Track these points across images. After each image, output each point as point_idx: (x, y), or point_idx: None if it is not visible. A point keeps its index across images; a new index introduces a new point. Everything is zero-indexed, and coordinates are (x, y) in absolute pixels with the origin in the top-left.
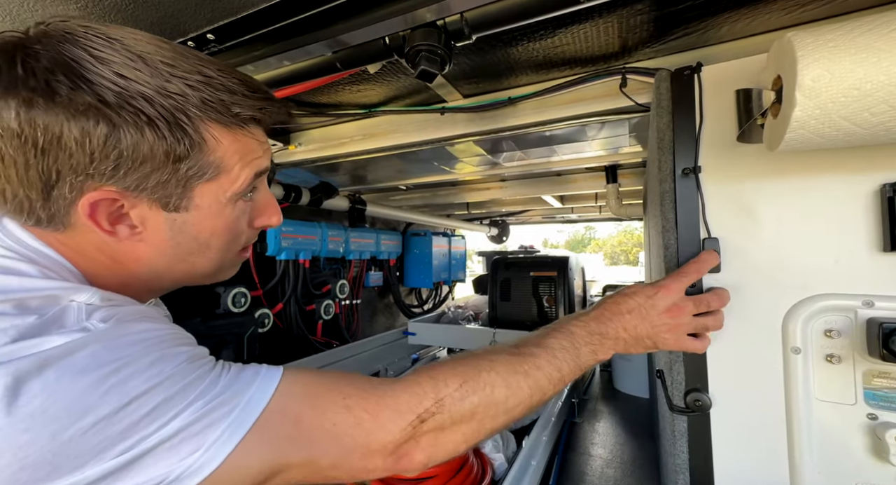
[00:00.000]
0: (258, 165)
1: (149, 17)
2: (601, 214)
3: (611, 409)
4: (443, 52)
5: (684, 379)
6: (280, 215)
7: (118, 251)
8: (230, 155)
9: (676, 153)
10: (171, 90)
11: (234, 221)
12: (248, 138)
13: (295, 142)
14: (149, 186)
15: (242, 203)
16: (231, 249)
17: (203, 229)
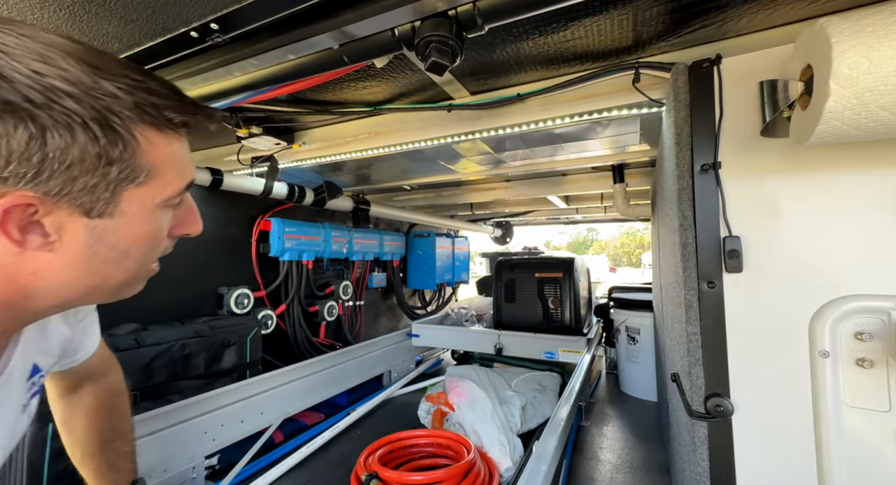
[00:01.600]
0: (189, 175)
1: (151, 5)
2: (606, 214)
3: (618, 412)
4: (454, 44)
5: (704, 383)
6: (200, 223)
7: (15, 264)
8: (163, 160)
9: (695, 149)
10: (100, 91)
11: (158, 230)
12: (180, 145)
13: (299, 141)
14: (74, 190)
15: (168, 212)
16: (148, 260)
17: (125, 237)
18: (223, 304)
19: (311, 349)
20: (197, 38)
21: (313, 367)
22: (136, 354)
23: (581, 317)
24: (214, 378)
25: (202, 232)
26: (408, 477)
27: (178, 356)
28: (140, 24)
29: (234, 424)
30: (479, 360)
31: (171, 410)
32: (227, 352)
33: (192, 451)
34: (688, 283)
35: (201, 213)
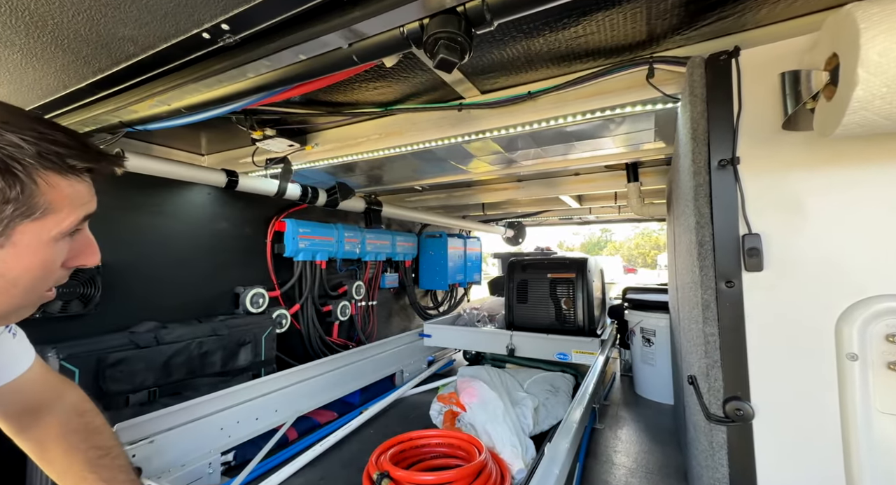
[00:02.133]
0: (87, 208)
1: (163, 7)
2: (620, 214)
3: (633, 415)
4: (463, 40)
5: (723, 386)
6: (98, 255)
7: None
8: (62, 199)
9: (712, 144)
10: (4, 142)
11: (51, 261)
12: (83, 186)
13: (311, 142)
14: None
15: (63, 244)
16: (37, 289)
17: (14, 267)
18: (239, 303)
19: (325, 348)
20: (209, 39)
21: (327, 366)
22: (155, 352)
23: (595, 318)
24: (230, 376)
25: (220, 231)
26: (419, 477)
27: (196, 354)
28: (154, 27)
29: (249, 421)
30: (492, 361)
31: (188, 406)
32: (243, 350)
33: (208, 447)
34: (704, 282)
35: (218, 213)
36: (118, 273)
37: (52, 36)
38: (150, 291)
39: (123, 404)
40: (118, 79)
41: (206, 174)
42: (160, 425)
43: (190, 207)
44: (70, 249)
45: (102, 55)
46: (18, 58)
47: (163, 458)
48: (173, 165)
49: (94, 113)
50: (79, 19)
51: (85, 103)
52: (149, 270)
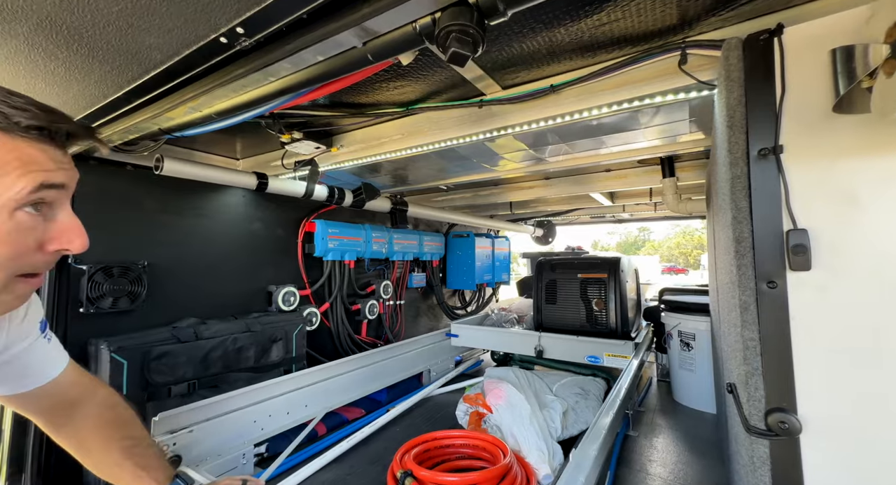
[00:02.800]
0: (46, 176)
1: (182, 14)
2: (657, 212)
3: (671, 423)
4: (475, 32)
5: (764, 396)
6: (84, 240)
7: None
8: (7, 161)
9: (750, 132)
10: None
11: (11, 234)
12: (33, 150)
13: (337, 144)
14: None
15: (26, 216)
16: (6, 269)
17: None
18: (272, 301)
19: (354, 346)
20: (226, 43)
21: (355, 363)
22: (194, 346)
23: (628, 320)
24: (263, 371)
25: (254, 232)
26: (442, 477)
27: (232, 349)
28: (176, 34)
29: (280, 415)
30: (520, 362)
31: (224, 399)
32: (275, 346)
33: (242, 438)
34: (742, 282)
35: (252, 215)
36: (162, 272)
37: (89, 48)
38: (191, 288)
39: (166, 395)
40: (150, 87)
41: (238, 177)
42: (199, 416)
43: (226, 209)
44: (47, 230)
45: (133, 64)
46: (63, 71)
47: (201, 447)
48: (207, 169)
49: (135, 121)
50: (109, 30)
51: (124, 112)
52: (189, 268)
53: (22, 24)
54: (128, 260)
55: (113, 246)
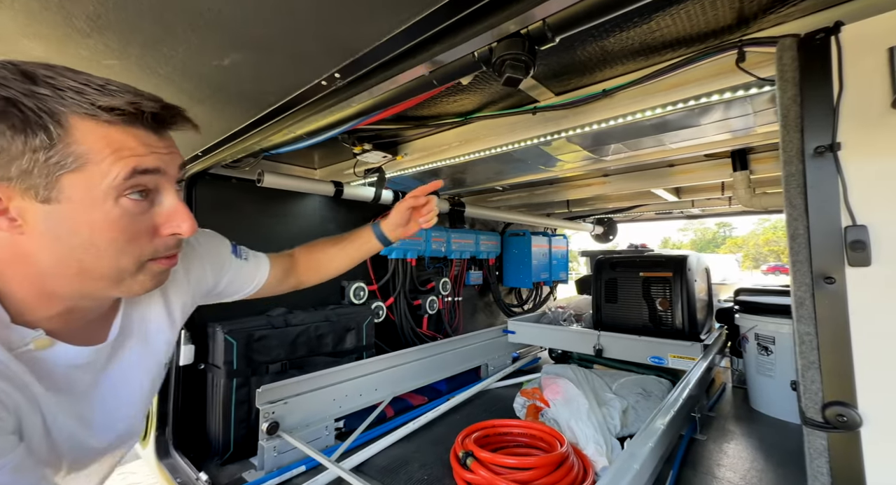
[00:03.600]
0: (138, 161)
1: (294, 68)
2: (731, 207)
3: (745, 430)
4: (527, 59)
5: (821, 389)
6: (191, 223)
7: (12, 245)
8: (99, 148)
9: (806, 130)
10: (37, 92)
11: (121, 220)
12: (123, 135)
13: (402, 153)
14: (13, 175)
15: (131, 203)
16: (128, 254)
17: (80, 223)
18: (344, 295)
19: (416, 338)
20: (325, 85)
21: (419, 353)
22: (285, 332)
23: (696, 321)
24: (339, 356)
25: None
26: (501, 459)
27: (314, 336)
28: (289, 79)
29: (354, 396)
30: (579, 360)
31: (309, 378)
32: (349, 335)
33: (325, 413)
34: (798, 278)
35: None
36: None
37: (227, 95)
38: None
39: (265, 372)
40: (262, 120)
41: (320, 186)
42: (291, 391)
43: (307, 213)
44: (156, 215)
45: (254, 105)
46: (205, 113)
47: (293, 417)
48: (297, 180)
49: (246, 144)
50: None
51: (241, 138)
52: None
53: (187, 81)
54: None
55: None
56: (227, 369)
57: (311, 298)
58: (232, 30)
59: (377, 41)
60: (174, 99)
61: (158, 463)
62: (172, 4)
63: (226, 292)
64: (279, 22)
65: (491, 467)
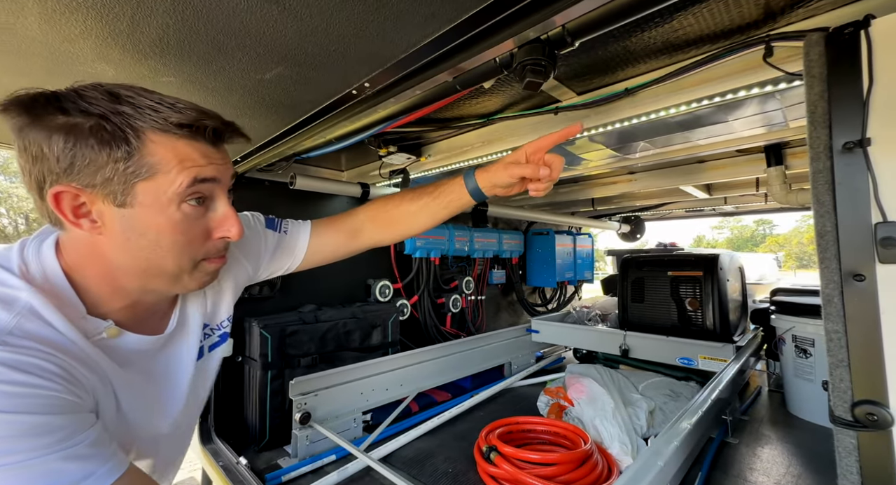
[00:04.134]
0: (198, 171)
1: (329, 80)
2: (768, 203)
3: (781, 435)
4: (547, 63)
5: (850, 387)
6: (239, 228)
7: (91, 245)
8: (168, 159)
9: (834, 126)
10: (121, 111)
11: (182, 224)
12: (188, 148)
13: (425, 154)
14: (97, 182)
15: (190, 208)
16: (187, 254)
17: (148, 226)
18: (370, 292)
19: (440, 336)
20: (355, 94)
21: (443, 351)
22: (315, 328)
23: (729, 321)
24: (366, 352)
25: None
26: (524, 454)
27: (342, 331)
28: (323, 90)
29: (380, 390)
30: (604, 360)
31: (338, 371)
32: (375, 332)
33: (353, 406)
34: (826, 275)
35: None
36: None
37: (267, 105)
38: (309, 280)
39: (297, 365)
40: (296, 127)
41: (348, 187)
42: (322, 384)
43: (334, 213)
44: (212, 219)
45: (292, 114)
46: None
47: (324, 409)
48: (326, 183)
49: (280, 149)
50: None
51: (276, 144)
52: None
53: (233, 94)
54: None
55: None
56: (262, 361)
57: (338, 296)
58: (275, 47)
59: (404, 53)
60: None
61: (202, 448)
62: (225, 27)
63: (268, 270)
64: (317, 39)
65: (514, 462)
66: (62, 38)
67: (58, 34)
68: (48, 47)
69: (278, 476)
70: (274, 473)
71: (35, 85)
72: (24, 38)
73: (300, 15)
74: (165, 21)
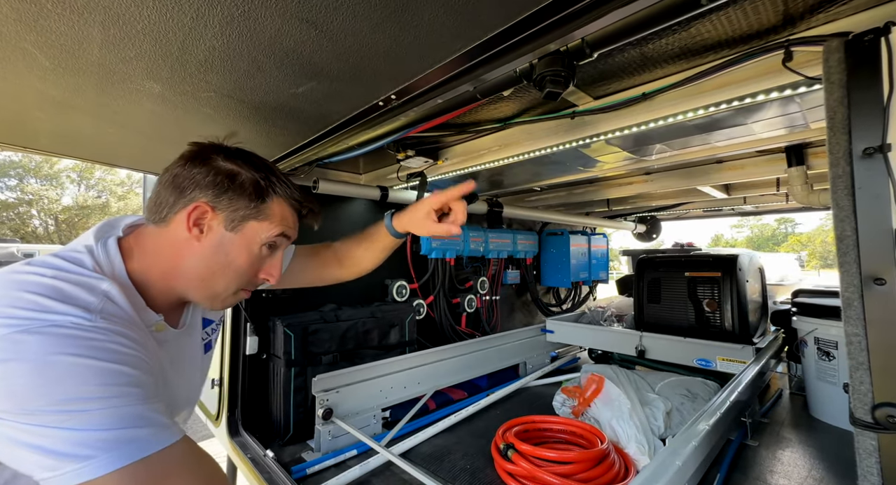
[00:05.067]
0: (285, 229)
1: (358, 92)
2: (789, 203)
3: (803, 438)
4: (566, 74)
5: (871, 389)
6: (276, 278)
7: (178, 246)
8: (276, 214)
9: (854, 132)
10: (270, 178)
11: (254, 258)
12: (288, 213)
13: (442, 158)
14: (225, 209)
15: (265, 250)
16: (237, 280)
17: (233, 252)
18: (388, 292)
19: (455, 335)
20: (382, 105)
21: (459, 350)
22: (335, 326)
23: (748, 323)
24: (385, 350)
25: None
26: (542, 452)
27: (361, 330)
28: (350, 103)
29: (399, 388)
30: (620, 361)
31: (358, 369)
32: (393, 331)
33: (372, 403)
34: (846, 279)
35: (372, 220)
36: None
37: (297, 117)
38: None
39: (318, 362)
40: (323, 135)
41: (367, 191)
42: (342, 381)
43: (353, 216)
44: (265, 262)
45: (319, 124)
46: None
47: (345, 405)
48: (348, 186)
49: (306, 155)
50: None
51: (304, 151)
52: None
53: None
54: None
55: None
56: (286, 358)
57: (357, 296)
58: (310, 65)
59: (430, 68)
60: (251, 120)
61: (230, 440)
62: (267, 48)
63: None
64: (350, 58)
65: (532, 460)
66: (118, 60)
67: (115, 57)
68: (104, 68)
69: (303, 469)
70: (299, 465)
71: (86, 99)
72: (84, 61)
73: (336, 37)
74: (213, 44)
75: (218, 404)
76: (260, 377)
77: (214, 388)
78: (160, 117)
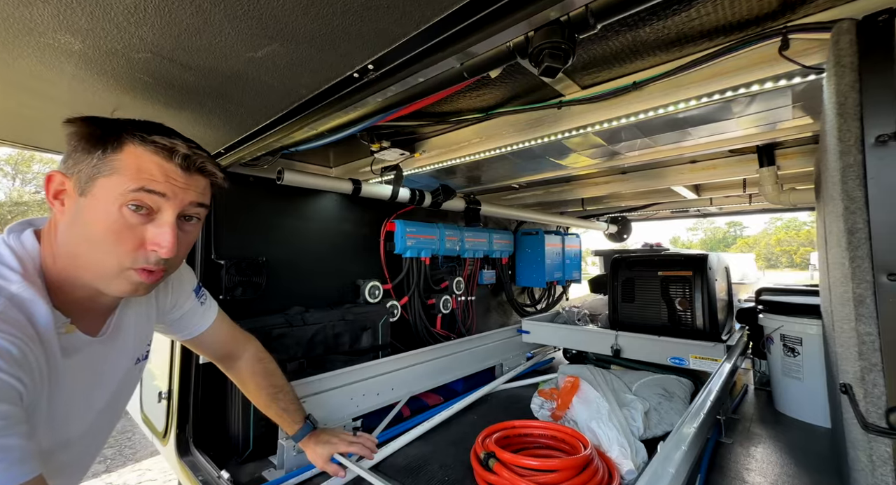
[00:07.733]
0: (147, 182)
1: (331, 58)
2: (752, 204)
3: (772, 434)
4: (567, 47)
5: (885, 392)
6: (170, 247)
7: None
8: (129, 166)
9: (866, 119)
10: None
11: (115, 224)
12: (151, 164)
13: (419, 150)
14: (72, 172)
15: (129, 213)
16: (113, 255)
17: (89, 217)
18: (360, 293)
19: (430, 338)
20: (357, 77)
21: (434, 353)
22: (302, 330)
23: (718, 321)
24: (356, 355)
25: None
26: (524, 461)
27: (331, 334)
28: (321, 74)
29: (371, 395)
30: (595, 361)
31: (327, 377)
32: (365, 334)
33: (343, 412)
34: (856, 275)
35: (342, 216)
36: (276, 267)
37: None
38: (296, 281)
39: (283, 370)
40: (288, 114)
41: (338, 184)
42: (310, 390)
43: (323, 211)
44: (149, 231)
45: (285, 100)
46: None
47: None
48: (317, 178)
49: (268, 141)
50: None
51: (264, 135)
52: (294, 264)
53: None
54: (252, 256)
55: (242, 244)
56: None
57: (326, 297)
58: (270, 20)
59: (415, 30)
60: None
61: (179, 461)
62: None
63: (173, 322)
64: (320, 11)
65: (514, 469)
66: (16, 1)
67: None
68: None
69: None
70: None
71: None
72: None
73: None
74: None
75: (166, 420)
76: (215, 388)
77: (162, 401)
78: (86, 85)
